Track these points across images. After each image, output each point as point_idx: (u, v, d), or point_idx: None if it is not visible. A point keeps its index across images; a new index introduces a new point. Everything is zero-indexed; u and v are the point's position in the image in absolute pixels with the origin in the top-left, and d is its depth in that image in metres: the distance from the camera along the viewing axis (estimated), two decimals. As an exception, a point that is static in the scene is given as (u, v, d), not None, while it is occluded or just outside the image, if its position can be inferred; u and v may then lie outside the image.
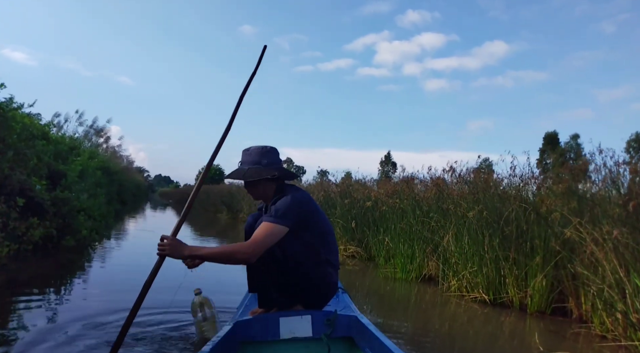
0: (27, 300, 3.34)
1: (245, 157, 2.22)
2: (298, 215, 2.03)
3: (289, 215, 2.00)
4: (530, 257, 4.08)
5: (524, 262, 4.11)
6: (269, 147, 2.24)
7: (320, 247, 2.13)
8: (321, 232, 2.16)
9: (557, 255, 3.89)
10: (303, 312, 2.09)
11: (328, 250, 2.18)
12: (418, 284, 5.32)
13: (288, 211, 2.00)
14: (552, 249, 3.93)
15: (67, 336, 2.55)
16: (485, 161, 20.61)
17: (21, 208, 4.73)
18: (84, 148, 15.82)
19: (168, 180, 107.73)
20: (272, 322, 2.02)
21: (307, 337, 2.01)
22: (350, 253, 7.32)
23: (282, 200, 2.04)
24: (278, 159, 2.25)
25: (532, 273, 4.01)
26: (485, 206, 4.53)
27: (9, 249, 4.26)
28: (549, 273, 3.91)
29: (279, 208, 2.01)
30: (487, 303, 4.30)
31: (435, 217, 5.25)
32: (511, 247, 4.19)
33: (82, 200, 6.17)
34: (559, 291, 3.93)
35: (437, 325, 3.76)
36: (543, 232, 4.03)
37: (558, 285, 3.92)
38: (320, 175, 25.34)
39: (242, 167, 2.19)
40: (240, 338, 1.97)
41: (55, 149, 7.41)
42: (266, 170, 2.16)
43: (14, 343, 2.46)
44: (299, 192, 2.16)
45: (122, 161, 26.70)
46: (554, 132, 43.17)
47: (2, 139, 4.83)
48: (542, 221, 4.05)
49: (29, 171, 5.16)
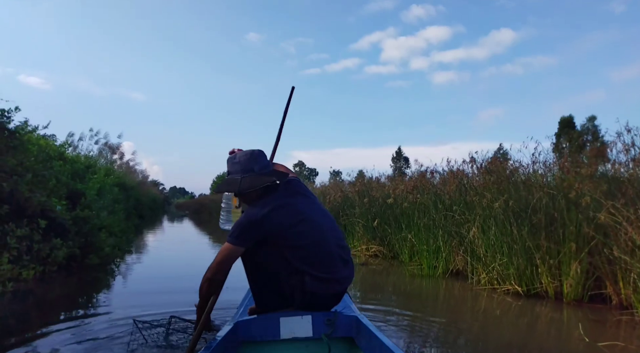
0: (55, 321, 3.34)
1: (233, 166, 2.08)
2: (253, 236, 1.98)
3: (242, 237, 1.96)
4: (562, 244, 3.95)
5: (556, 250, 3.99)
6: (257, 151, 2.12)
7: (293, 258, 2.02)
8: (294, 246, 2.02)
9: (590, 240, 3.77)
10: (303, 312, 2.05)
11: (305, 262, 2.03)
12: (445, 279, 5.21)
13: (241, 233, 1.96)
14: (584, 235, 3.80)
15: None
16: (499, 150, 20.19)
17: (43, 229, 4.74)
18: (100, 165, 15.98)
19: (183, 192, 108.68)
20: (272, 322, 2.00)
21: (308, 337, 2.00)
22: (372, 253, 7.23)
23: (241, 218, 2.01)
24: (267, 161, 2.14)
25: (565, 261, 3.89)
26: (510, 195, 4.41)
27: (35, 271, 4.26)
28: (583, 260, 3.79)
29: (235, 229, 1.97)
30: (521, 295, 4.18)
31: (459, 210, 5.14)
32: (541, 235, 4.07)
33: (102, 217, 6.19)
34: (595, 278, 3.80)
35: (469, 320, 3.66)
36: (574, 217, 3.91)
37: (594, 271, 3.78)
38: (333, 175, 25.21)
39: (234, 177, 2.05)
40: (241, 338, 1.96)
41: (72, 169, 7.46)
42: (263, 177, 2.05)
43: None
44: (268, 205, 2.01)
45: (137, 176, 26.94)
46: (569, 116, 42.46)
47: (20, 163, 4.86)
48: (572, 206, 3.93)
49: (48, 192, 5.18)
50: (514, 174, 4.88)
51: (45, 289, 4.40)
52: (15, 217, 4.59)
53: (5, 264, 3.69)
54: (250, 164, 2.06)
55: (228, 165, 2.11)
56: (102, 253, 5.54)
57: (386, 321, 3.47)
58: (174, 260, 7.06)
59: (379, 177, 9.54)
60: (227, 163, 2.12)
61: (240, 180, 2.03)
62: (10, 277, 3.82)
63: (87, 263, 5.28)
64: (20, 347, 2.72)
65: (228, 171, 2.11)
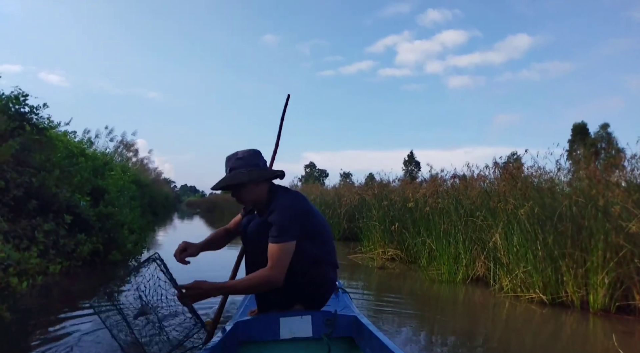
0: (79, 313, 3.44)
1: (237, 162, 2.11)
2: (298, 225, 2.01)
3: (291, 229, 1.98)
4: (589, 253, 3.91)
5: (583, 259, 3.94)
6: (257, 150, 2.19)
7: (316, 247, 2.09)
8: (317, 231, 2.11)
9: (619, 250, 3.72)
10: (303, 312, 2.06)
11: (324, 249, 2.14)
12: (466, 286, 5.18)
13: (289, 224, 1.98)
14: (613, 244, 3.76)
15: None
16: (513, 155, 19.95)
17: (69, 225, 4.80)
18: (116, 162, 16.13)
19: (194, 190, 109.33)
20: (272, 322, 2.01)
21: (307, 337, 2.00)
22: (389, 256, 7.21)
23: (280, 213, 2.00)
24: (265, 161, 2.22)
25: (593, 270, 3.84)
26: (536, 202, 4.38)
27: (61, 266, 4.32)
28: (612, 270, 3.74)
29: (281, 225, 1.97)
30: (545, 304, 4.14)
31: (481, 215, 5.11)
32: (567, 243, 4.03)
33: (125, 214, 6.26)
34: (623, 288, 3.75)
35: (491, 327, 3.64)
36: (601, 226, 3.86)
37: (622, 282, 3.74)
38: (343, 177, 25.23)
39: (240, 171, 2.08)
40: (240, 338, 1.96)
41: (93, 165, 7.55)
42: (269, 171, 2.15)
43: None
44: (292, 195, 2.12)
45: (150, 173, 27.19)
46: (582, 123, 42.01)
47: (47, 159, 4.93)
48: (600, 215, 3.88)
49: (73, 188, 5.25)
50: (539, 180, 4.85)
51: (70, 283, 4.47)
52: (42, 212, 4.65)
53: (35, 258, 3.73)
54: (254, 159, 2.13)
55: (230, 163, 2.13)
56: (125, 250, 5.60)
57: (403, 325, 3.47)
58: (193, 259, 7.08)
59: (390, 181, 9.53)
60: (228, 161, 2.14)
61: (248, 172, 2.07)
62: (38, 270, 3.87)
63: (109, 259, 5.34)
64: (46, 336, 2.81)
65: (230, 168, 2.12)
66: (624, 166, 4.32)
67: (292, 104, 2.59)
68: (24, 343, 2.78)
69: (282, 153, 2.41)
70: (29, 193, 4.49)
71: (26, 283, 3.47)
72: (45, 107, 5.22)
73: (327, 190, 12.91)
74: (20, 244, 4.02)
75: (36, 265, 3.99)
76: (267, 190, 2.14)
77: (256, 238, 2.06)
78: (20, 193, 4.33)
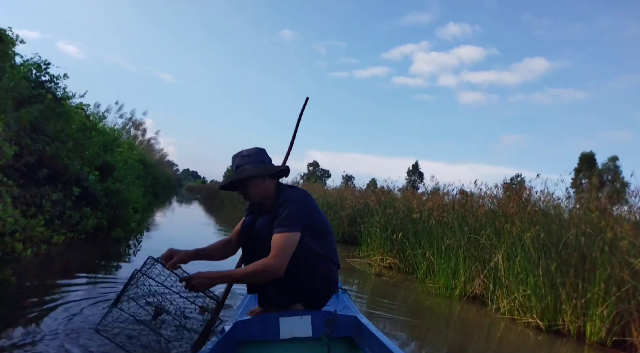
0: (78, 287, 3.45)
1: (243, 159, 2.16)
2: (305, 219, 2.04)
3: (297, 221, 2.00)
4: (591, 284, 3.90)
5: (584, 289, 3.94)
6: (262, 148, 2.24)
7: (321, 244, 2.11)
8: (321, 230, 2.14)
9: (622, 285, 3.71)
10: (303, 312, 2.07)
11: (328, 248, 2.16)
12: (462, 302, 5.17)
13: (297, 216, 2.01)
14: (616, 278, 3.75)
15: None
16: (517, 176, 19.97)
17: (76, 197, 4.82)
18: (123, 139, 16.16)
19: (195, 175, 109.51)
20: (271, 322, 2.01)
21: (307, 337, 2.00)
22: (387, 264, 7.21)
23: (289, 205, 2.03)
24: (269, 157, 2.26)
25: (593, 302, 3.84)
26: (542, 228, 4.37)
27: (65, 237, 4.33)
28: (612, 304, 3.74)
29: (289, 215, 2.00)
30: (541, 330, 4.14)
31: (487, 234, 5.10)
32: (570, 272, 4.03)
33: (131, 192, 6.28)
34: (622, 323, 3.75)
35: (483, 346, 3.64)
36: (607, 259, 3.86)
37: (622, 317, 3.73)
38: (345, 179, 25.21)
39: (246, 168, 2.13)
40: (240, 338, 1.96)
41: (104, 140, 7.57)
42: (274, 166, 2.18)
43: (63, 321, 2.55)
44: (299, 191, 2.16)
45: (155, 154, 27.24)
46: (590, 153, 41.99)
47: (62, 129, 4.95)
48: (606, 248, 3.88)
49: (84, 161, 5.27)
50: (546, 206, 4.84)
51: (72, 255, 4.48)
52: (51, 181, 4.67)
53: (40, 226, 3.75)
54: (259, 156, 2.18)
55: (237, 160, 2.17)
56: (128, 228, 5.62)
57: (395, 333, 3.48)
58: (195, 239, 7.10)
59: (393, 189, 9.52)
60: (235, 159, 2.19)
61: (254, 168, 2.11)
62: (42, 239, 3.89)
63: (112, 236, 5.35)
64: (43, 308, 2.81)
65: (236, 166, 2.16)
66: (627, 201, 4.36)
67: (301, 101, 2.60)
68: (25, 309, 2.79)
69: (286, 149, 2.44)
70: (41, 161, 4.52)
71: (30, 250, 3.49)
72: (65, 77, 5.25)
73: (330, 191, 12.90)
74: (27, 211, 4.04)
75: (40, 234, 4.02)
76: (273, 187, 2.17)
77: (266, 234, 2.06)
78: (33, 161, 4.35)
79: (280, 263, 1.93)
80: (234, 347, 1.92)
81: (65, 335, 2.34)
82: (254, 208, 2.28)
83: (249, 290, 2.27)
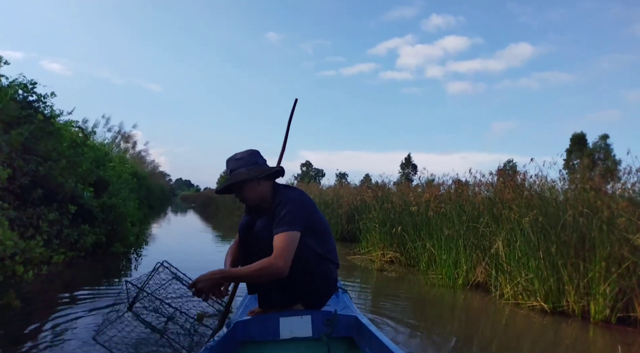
0: (81, 304, 3.45)
1: (236, 163, 2.16)
2: (304, 218, 2.05)
3: (298, 220, 2.01)
4: (592, 263, 3.94)
5: (585, 269, 3.98)
6: (256, 149, 2.24)
7: (320, 243, 2.12)
8: (320, 230, 2.15)
9: (622, 262, 3.76)
10: (303, 312, 2.08)
11: (327, 247, 2.17)
12: (466, 291, 5.21)
13: (296, 216, 2.01)
14: (616, 255, 3.80)
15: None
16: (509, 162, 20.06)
17: (72, 215, 4.79)
18: (114, 154, 16.05)
19: (189, 184, 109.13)
20: (271, 322, 2.02)
21: (307, 337, 2.01)
22: (388, 259, 7.24)
23: (287, 205, 2.03)
24: (264, 158, 2.26)
25: (595, 281, 3.88)
26: (540, 211, 4.41)
27: (64, 256, 4.31)
28: (614, 281, 3.78)
29: (288, 215, 2.00)
30: (547, 312, 4.17)
31: (485, 222, 5.14)
32: (570, 253, 4.07)
33: (128, 206, 6.25)
34: (625, 300, 3.79)
35: (490, 333, 3.67)
36: (606, 237, 3.90)
37: (624, 293, 3.77)
38: (339, 177, 25.16)
39: (240, 171, 2.12)
40: (240, 338, 1.97)
41: (95, 156, 7.52)
42: (269, 167, 2.18)
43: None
44: (296, 190, 2.17)
45: (147, 166, 27.09)
46: (581, 133, 42.30)
47: (54, 148, 4.91)
48: (604, 226, 3.92)
49: (78, 178, 5.24)
50: (542, 189, 4.88)
51: (73, 274, 4.46)
52: (46, 201, 4.64)
53: (39, 247, 3.73)
54: (253, 158, 2.17)
55: (230, 164, 2.17)
56: (127, 242, 5.60)
57: (400, 327, 3.49)
58: (193, 254, 7.11)
59: (388, 183, 9.55)
60: (229, 162, 2.18)
61: (248, 171, 2.11)
62: (42, 260, 3.86)
63: (111, 251, 5.33)
64: (48, 331, 2.81)
65: (230, 169, 2.16)
66: (620, 178, 4.42)
67: (291, 102, 2.62)
68: (29, 332, 2.78)
69: (278, 150, 2.45)
70: (34, 182, 4.49)
71: (32, 272, 3.47)
72: (53, 95, 5.21)
73: (326, 190, 12.91)
74: (25, 233, 4.01)
75: (40, 255, 3.99)
76: (270, 188, 2.17)
77: (264, 235, 2.06)
78: (27, 182, 4.32)
79: (285, 262, 1.93)
80: (234, 347, 1.93)
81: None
82: (251, 210, 2.28)
83: (249, 291, 2.27)
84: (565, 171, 5.18)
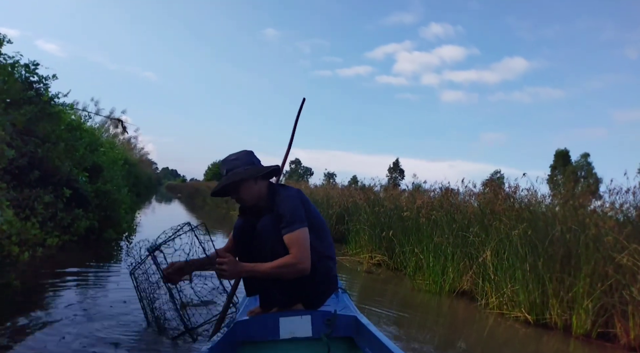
0: (72, 289, 3.48)
1: (232, 163, 2.16)
2: (304, 213, 2.09)
3: (301, 215, 2.05)
4: (577, 278, 4.07)
5: (570, 284, 4.10)
6: (250, 150, 2.26)
7: (319, 241, 2.16)
8: (319, 227, 2.19)
9: (605, 279, 3.89)
10: (303, 312, 2.10)
11: (326, 244, 2.21)
12: (451, 298, 5.31)
13: (299, 213, 2.06)
14: (600, 273, 3.92)
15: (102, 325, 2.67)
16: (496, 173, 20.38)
17: (67, 199, 4.77)
18: (104, 139, 15.86)
19: (175, 174, 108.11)
20: (271, 322, 2.03)
21: (307, 337, 2.03)
22: (376, 261, 7.32)
23: (289, 203, 2.07)
24: (258, 158, 2.29)
25: (579, 296, 4.00)
26: (529, 225, 4.53)
27: (58, 239, 4.30)
28: (597, 297, 3.91)
29: (293, 213, 2.04)
30: (530, 323, 4.29)
31: (475, 231, 5.24)
32: (556, 267, 4.19)
33: (122, 193, 6.23)
34: (606, 316, 3.92)
35: (473, 341, 3.76)
36: (592, 254, 4.03)
37: (606, 309, 3.90)
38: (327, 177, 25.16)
39: (236, 171, 2.12)
40: (240, 338, 1.98)
41: (90, 140, 7.47)
42: (264, 167, 2.20)
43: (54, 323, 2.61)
44: (293, 190, 2.20)
45: (136, 153, 26.83)
46: (564, 150, 43.10)
47: (53, 131, 4.89)
48: (590, 243, 4.05)
49: (75, 163, 5.21)
50: (532, 204, 5.01)
51: (65, 258, 4.45)
52: (42, 183, 4.62)
53: (35, 229, 3.72)
54: (248, 158, 2.18)
55: (226, 165, 2.16)
56: (120, 229, 5.59)
57: (383, 328, 3.57)
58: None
59: (375, 186, 9.66)
60: (223, 164, 2.18)
61: (244, 171, 2.12)
62: (36, 242, 3.85)
63: (104, 237, 5.32)
64: (41, 310, 2.87)
65: (226, 170, 2.14)
66: (601, 196, 4.57)
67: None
68: (28, 312, 2.79)
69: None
70: (32, 163, 4.46)
71: (27, 253, 3.46)
72: (54, 78, 5.17)
73: (316, 189, 12.97)
74: (20, 213, 4.00)
75: (35, 236, 3.98)
76: (266, 187, 2.18)
77: (268, 235, 2.08)
78: (25, 163, 4.30)
79: (307, 259, 1.99)
80: (234, 347, 1.94)
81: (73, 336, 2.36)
82: (247, 211, 2.27)
83: (248, 293, 2.30)
84: (548, 186, 5.32)
